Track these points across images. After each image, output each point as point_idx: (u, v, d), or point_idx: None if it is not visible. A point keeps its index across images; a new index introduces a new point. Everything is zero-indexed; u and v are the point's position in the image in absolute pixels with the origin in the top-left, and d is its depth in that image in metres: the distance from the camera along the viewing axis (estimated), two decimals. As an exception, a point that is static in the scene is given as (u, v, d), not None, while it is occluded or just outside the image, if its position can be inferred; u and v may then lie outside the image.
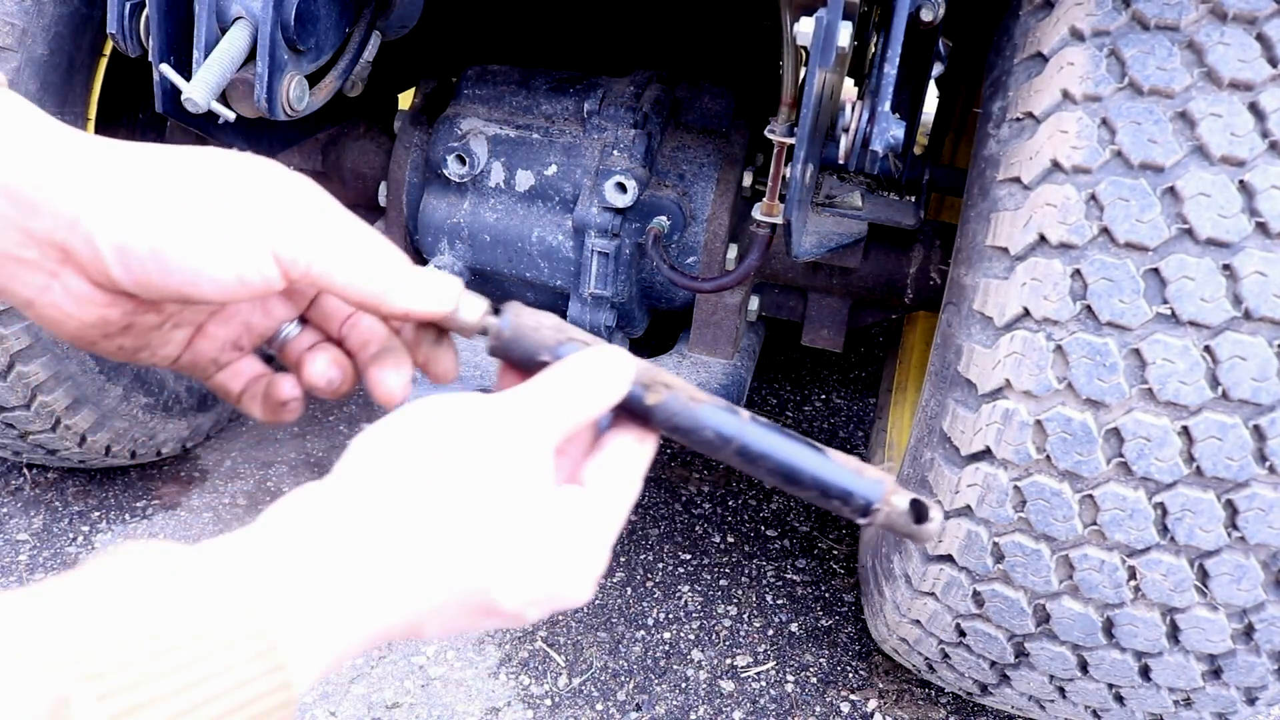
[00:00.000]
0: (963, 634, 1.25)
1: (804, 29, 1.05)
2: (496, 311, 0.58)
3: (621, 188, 1.58)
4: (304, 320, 0.64)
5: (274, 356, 0.65)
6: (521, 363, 0.57)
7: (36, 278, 0.52)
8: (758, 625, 1.79)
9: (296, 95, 1.25)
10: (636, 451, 0.57)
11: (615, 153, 1.63)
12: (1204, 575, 1.04)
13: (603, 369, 0.55)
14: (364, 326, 0.62)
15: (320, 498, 0.47)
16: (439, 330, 0.60)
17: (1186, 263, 0.96)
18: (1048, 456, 1.04)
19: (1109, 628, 1.11)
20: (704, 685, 1.66)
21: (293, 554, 0.43)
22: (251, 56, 1.19)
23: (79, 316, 0.53)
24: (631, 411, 0.56)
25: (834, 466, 0.56)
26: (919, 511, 0.56)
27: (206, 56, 1.16)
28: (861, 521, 0.57)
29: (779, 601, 1.86)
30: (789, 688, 1.67)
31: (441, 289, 0.56)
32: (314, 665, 0.42)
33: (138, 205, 0.50)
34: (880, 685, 1.70)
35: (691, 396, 0.57)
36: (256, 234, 0.51)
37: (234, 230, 0.51)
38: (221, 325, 0.62)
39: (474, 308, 0.58)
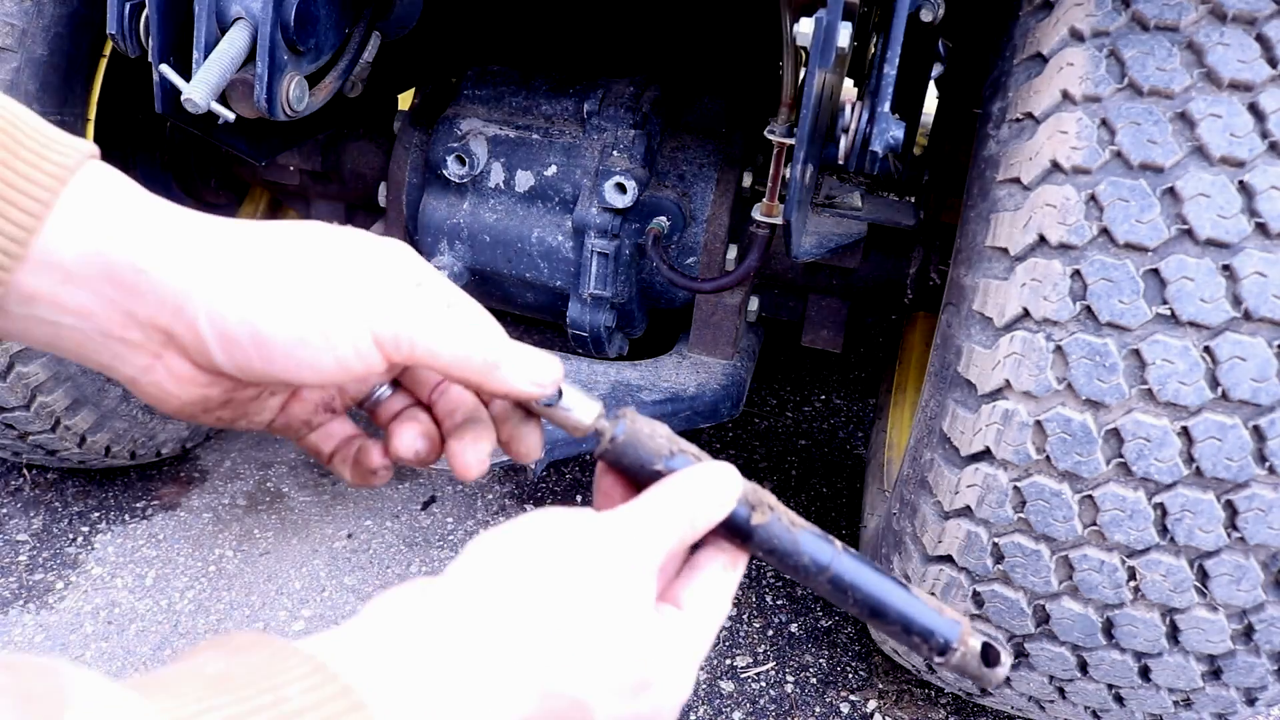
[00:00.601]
0: (962, 634, 1.25)
1: (804, 29, 1.05)
2: (605, 412, 0.59)
3: (621, 188, 1.58)
4: (396, 383, 0.64)
5: (366, 417, 0.66)
6: (630, 469, 0.57)
7: (140, 358, 0.52)
8: (757, 625, 1.79)
9: (296, 96, 1.25)
10: (729, 578, 0.57)
11: (615, 153, 1.63)
12: (1204, 576, 1.04)
13: (714, 488, 0.55)
14: (453, 394, 0.63)
15: (431, 601, 0.47)
16: (528, 409, 0.60)
17: (1186, 263, 0.96)
18: (1047, 457, 1.04)
19: (1109, 628, 1.11)
20: (703, 685, 1.66)
21: (399, 655, 0.43)
22: (251, 57, 1.19)
23: (181, 396, 0.54)
24: (731, 528, 0.56)
25: (919, 604, 0.57)
26: (989, 655, 0.57)
27: (206, 57, 1.16)
28: (937, 660, 0.58)
29: (778, 602, 1.86)
30: (789, 688, 1.67)
31: (546, 373, 0.56)
32: None
33: (240, 292, 0.50)
34: (880, 685, 1.70)
35: (791, 521, 0.58)
36: (357, 319, 0.51)
37: (335, 316, 0.51)
38: (316, 390, 0.62)
39: (588, 409, 0.58)
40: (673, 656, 0.52)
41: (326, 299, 0.51)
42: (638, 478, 0.57)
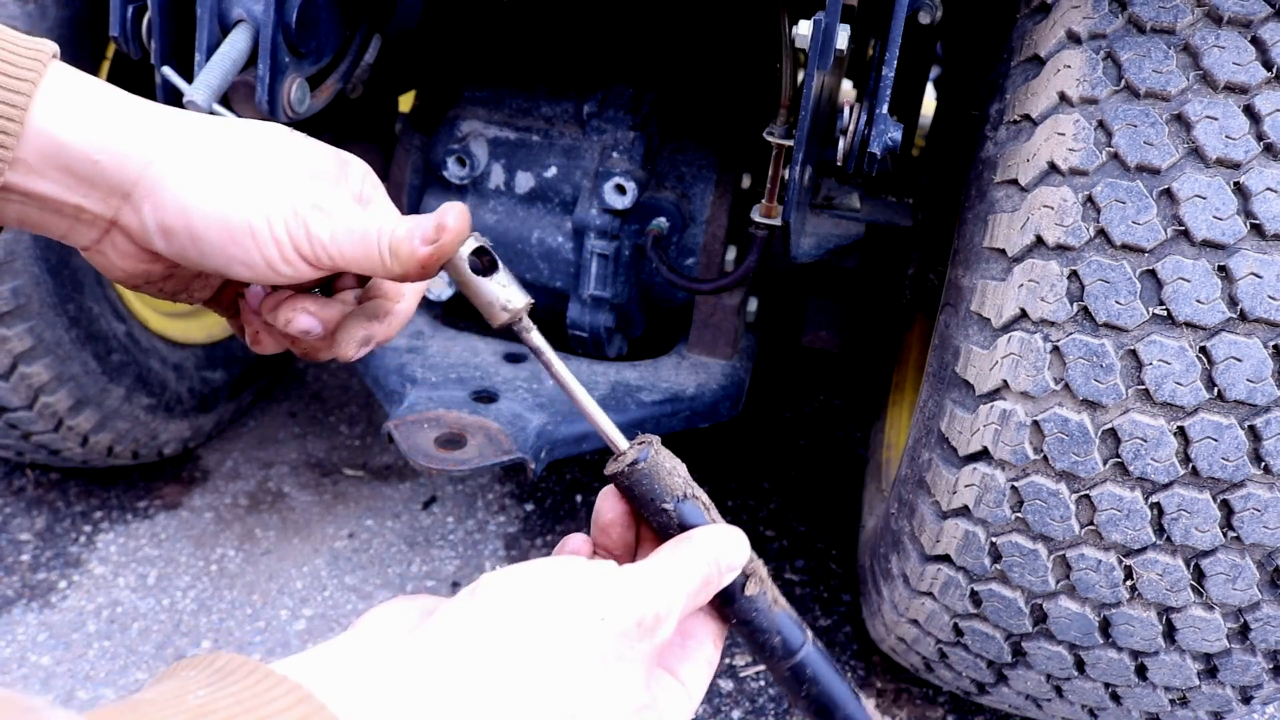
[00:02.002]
0: (960, 633, 1.25)
1: (802, 31, 1.06)
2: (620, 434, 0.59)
3: (620, 190, 1.59)
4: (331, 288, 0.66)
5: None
6: (639, 499, 0.56)
7: (92, 233, 0.57)
8: (757, 625, 1.80)
9: (297, 97, 1.26)
10: (717, 652, 0.58)
11: (614, 154, 1.64)
12: (1200, 575, 1.04)
13: (729, 557, 0.55)
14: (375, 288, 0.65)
15: (427, 634, 0.46)
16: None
17: (1182, 264, 0.97)
18: (1045, 457, 1.05)
19: (1106, 627, 1.12)
20: (703, 685, 1.66)
21: (392, 691, 0.42)
22: (253, 59, 1.20)
23: (125, 269, 0.59)
24: (722, 593, 0.56)
25: (865, 716, 0.58)
26: None
27: (208, 59, 1.17)
28: None
29: (778, 601, 1.86)
30: (788, 687, 1.68)
31: (438, 223, 0.57)
32: None
33: (182, 188, 0.53)
34: (878, 684, 1.70)
35: (774, 598, 0.57)
36: (283, 226, 0.54)
37: (263, 221, 0.54)
38: None
39: (517, 296, 0.58)
40: None
41: (259, 204, 0.54)
42: (644, 510, 0.56)
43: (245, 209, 0.53)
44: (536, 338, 0.58)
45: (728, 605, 0.56)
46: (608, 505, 0.59)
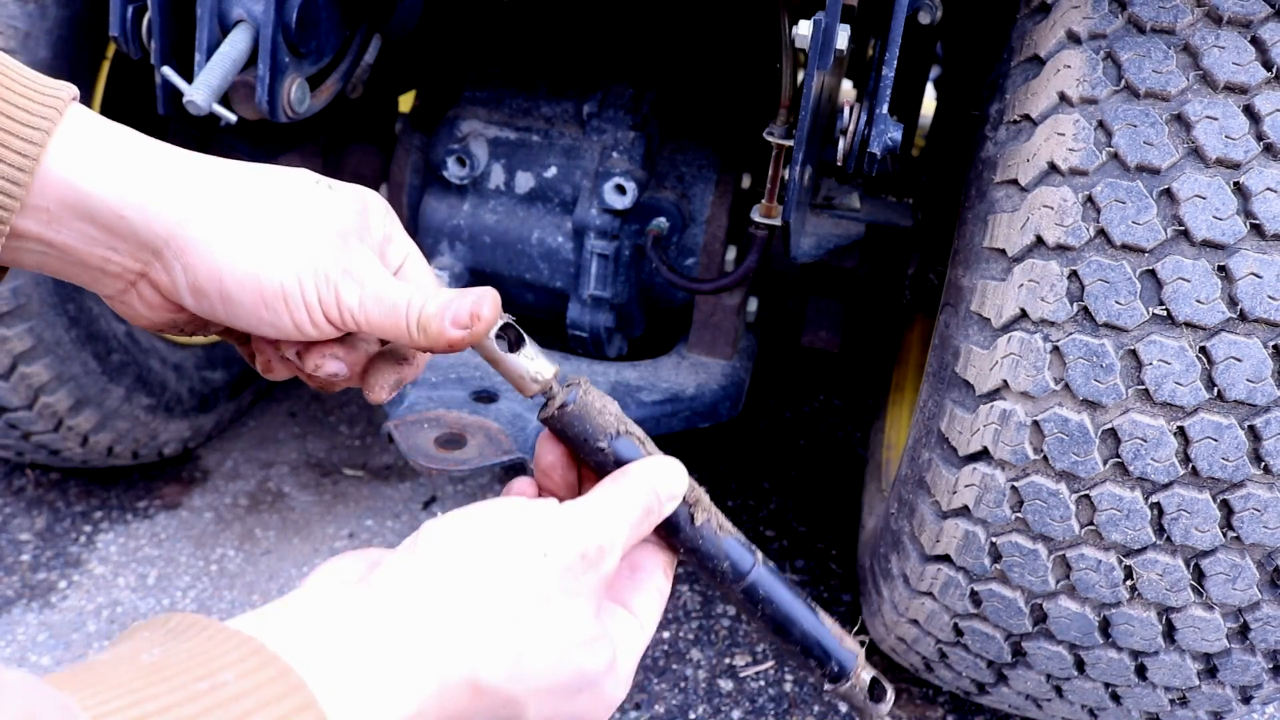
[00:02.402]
0: (960, 633, 1.25)
1: (802, 32, 1.06)
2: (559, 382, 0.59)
3: (620, 190, 1.59)
4: None
5: None
6: (574, 441, 0.57)
7: (117, 285, 0.56)
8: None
9: (298, 98, 1.26)
10: (668, 582, 0.58)
11: (614, 154, 1.64)
12: (1200, 575, 1.04)
13: (669, 486, 0.56)
14: None
15: (376, 581, 0.47)
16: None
17: (1182, 264, 0.97)
18: (1045, 457, 1.05)
19: (1106, 627, 1.12)
20: (703, 684, 1.66)
21: (343, 636, 0.43)
22: (253, 59, 1.20)
23: (150, 318, 0.59)
24: (667, 524, 0.57)
25: (823, 630, 0.58)
26: (876, 690, 0.59)
27: (208, 59, 1.17)
28: (828, 686, 0.59)
29: (778, 601, 1.86)
30: (787, 687, 1.68)
31: (465, 310, 0.56)
32: None
33: (213, 248, 0.53)
34: (879, 685, 1.70)
35: (720, 524, 0.58)
36: (313, 291, 0.54)
37: (294, 286, 0.54)
38: None
39: (543, 366, 0.58)
40: (618, 661, 0.52)
41: (291, 268, 0.53)
42: (580, 450, 0.57)
43: (278, 273, 0.53)
44: (562, 395, 0.58)
45: (675, 535, 0.57)
46: (546, 449, 0.60)
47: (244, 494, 2.03)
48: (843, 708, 1.65)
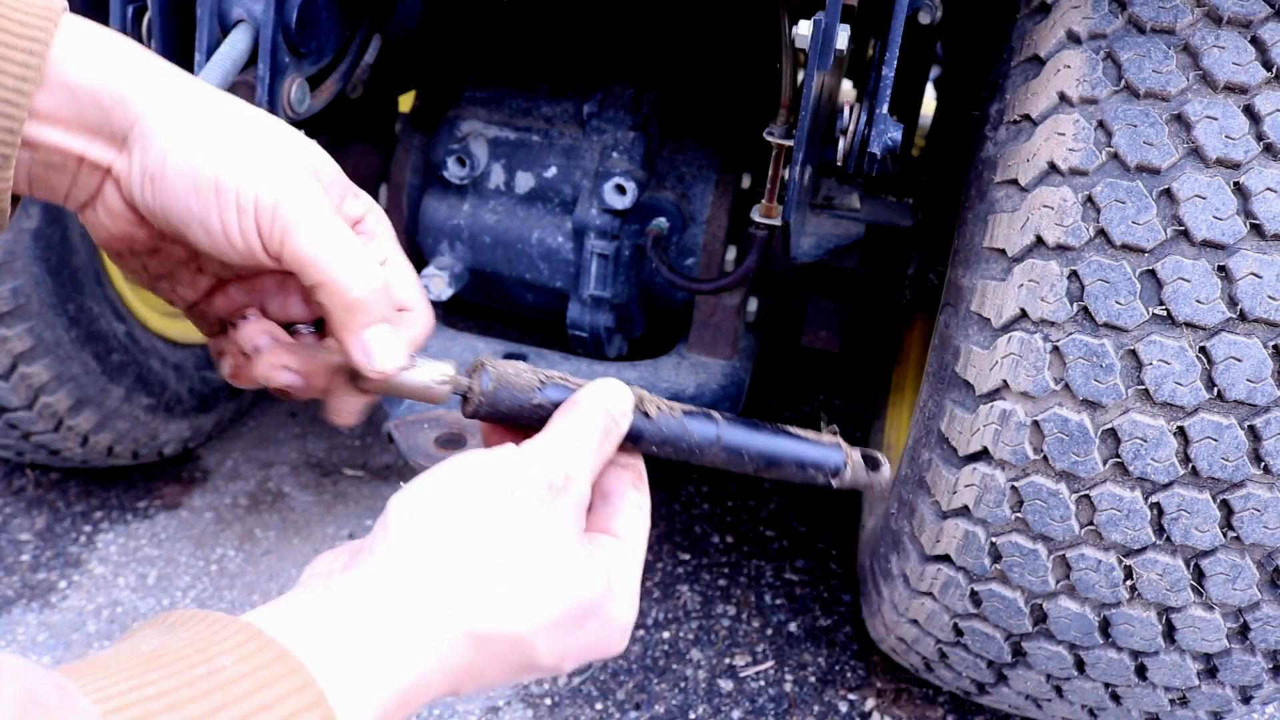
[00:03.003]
0: (960, 633, 1.25)
1: (802, 31, 1.05)
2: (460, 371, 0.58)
3: (620, 190, 1.59)
4: (322, 325, 0.63)
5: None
6: (509, 416, 0.56)
7: (90, 184, 0.56)
8: (756, 625, 1.80)
9: (297, 98, 1.26)
10: (645, 496, 0.58)
11: (614, 154, 1.64)
12: (1200, 575, 1.04)
13: (614, 402, 0.56)
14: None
15: (362, 560, 0.47)
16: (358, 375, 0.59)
17: (1182, 264, 0.97)
18: (1045, 457, 1.05)
19: (1105, 627, 1.12)
20: (703, 684, 1.66)
21: (334, 618, 0.43)
22: (253, 59, 1.20)
23: (111, 229, 0.57)
24: (629, 434, 0.57)
25: (804, 444, 0.61)
26: (870, 462, 0.61)
27: (208, 59, 1.17)
28: (833, 483, 0.61)
29: (777, 601, 1.86)
30: (787, 687, 1.68)
31: (386, 357, 0.55)
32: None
33: (170, 136, 0.53)
34: (878, 684, 1.70)
35: (671, 408, 0.59)
36: (248, 193, 0.52)
37: (230, 184, 0.52)
38: (244, 292, 0.62)
39: (437, 372, 0.56)
40: (615, 584, 0.52)
41: (236, 167, 0.52)
42: (519, 420, 0.56)
43: (219, 166, 0.52)
44: (478, 383, 0.57)
45: (639, 440, 0.58)
46: (494, 441, 0.59)
47: (244, 494, 2.03)
48: (842, 708, 1.65)
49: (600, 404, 0.55)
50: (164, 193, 0.53)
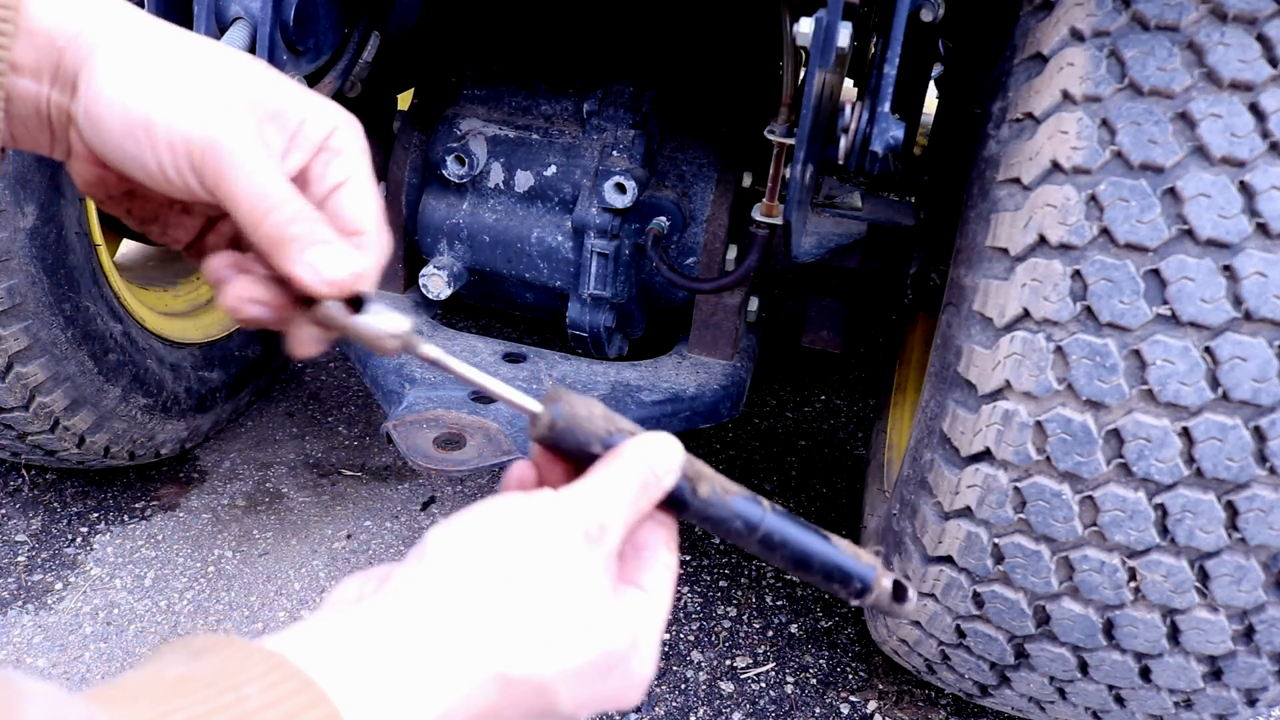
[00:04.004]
0: (963, 635, 1.25)
1: (804, 30, 1.05)
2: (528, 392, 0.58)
3: (621, 188, 1.58)
4: None
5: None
6: (569, 453, 0.57)
7: (61, 130, 0.55)
8: (757, 626, 1.79)
9: (295, 96, 1.25)
10: (674, 556, 0.58)
11: (614, 153, 1.63)
12: (1204, 576, 1.03)
13: (661, 460, 0.55)
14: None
15: (389, 591, 0.47)
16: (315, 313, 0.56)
17: (1187, 263, 0.96)
18: (1048, 457, 1.04)
19: (1109, 629, 1.11)
20: (703, 686, 1.65)
21: (361, 648, 0.43)
22: (250, 57, 1.19)
23: (83, 175, 0.56)
24: (671, 499, 0.57)
25: (839, 553, 0.61)
26: (899, 592, 0.62)
27: (205, 57, 1.16)
28: (854, 601, 0.61)
29: (778, 602, 1.85)
30: (789, 689, 1.67)
31: (340, 267, 0.53)
32: None
33: (106, 75, 0.51)
34: (880, 686, 1.69)
35: (724, 488, 0.59)
36: (180, 131, 0.51)
37: (161, 121, 0.51)
38: (233, 226, 0.60)
39: (398, 320, 0.55)
40: (640, 638, 0.52)
41: (163, 104, 0.51)
42: (576, 459, 0.57)
43: (149, 103, 0.50)
44: (430, 349, 0.57)
45: (684, 510, 0.58)
46: (544, 464, 0.59)
47: (241, 495, 2.02)
48: (844, 709, 1.64)
49: (644, 458, 0.55)
50: (103, 133, 0.52)
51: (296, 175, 0.56)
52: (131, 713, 0.34)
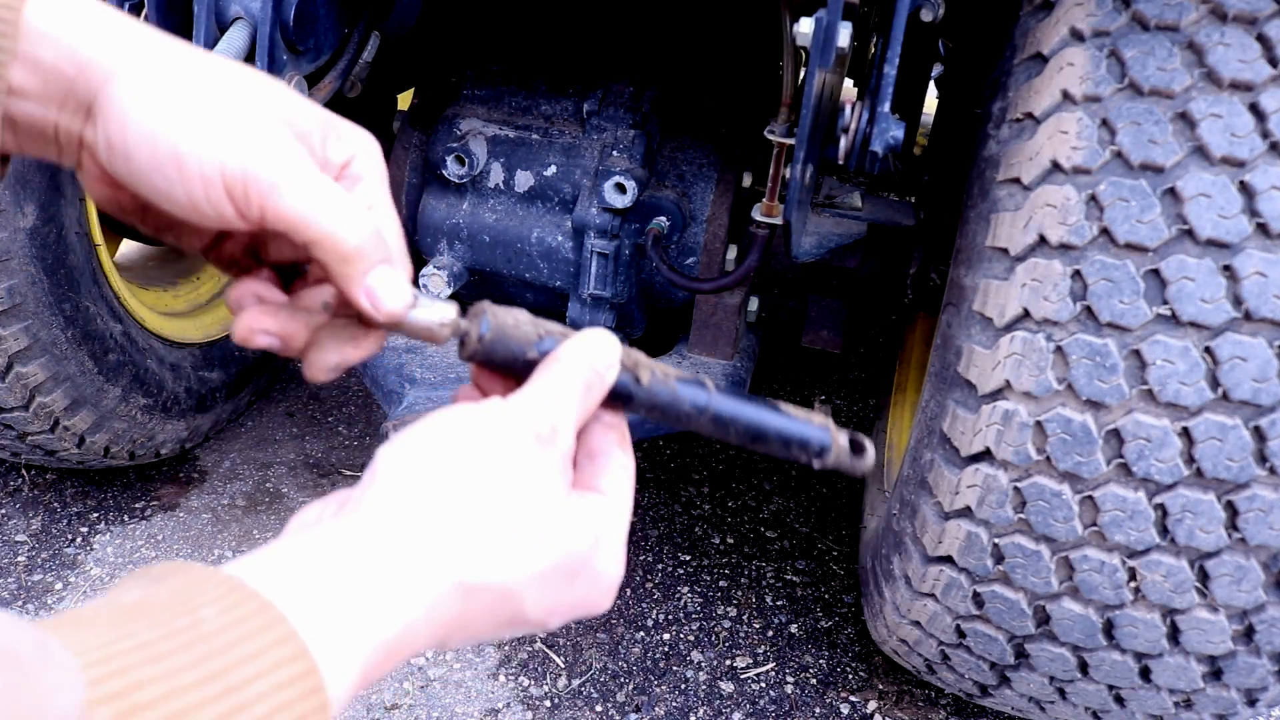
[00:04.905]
0: (963, 635, 1.25)
1: (803, 30, 1.05)
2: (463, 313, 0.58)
3: (620, 188, 1.58)
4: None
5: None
6: (503, 364, 0.57)
7: (71, 150, 0.55)
8: (757, 626, 1.79)
9: (295, 96, 1.25)
10: (629, 456, 0.58)
11: (614, 153, 1.63)
12: (1204, 576, 1.03)
13: (600, 355, 0.55)
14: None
15: (348, 511, 0.47)
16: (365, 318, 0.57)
17: (1187, 263, 0.96)
18: (1048, 457, 1.04)
19: (1109, 629, 1.11)
20: (703, 686, 1.65)
21: (319, 568, 0.43)
22: (250, 57, 1.19)
23: (96, 193, 0.56)
24: (615, 394, 0.57)
25: (792, 420, 0.60)
26: (856, 446, 0.61)
27: (205, 57, 1.16)
28: (816, 464, 0.61)
29: (779, 602, 1.85)
30: (789, 689, 1.67)
31: (399, 298, 0.54)
32: (345, 676, 0.41)
33: (130, 104, 0.50)
34: (880, 686, 1.69)
35: (665, 373, 0.59)
36: (211, 159, 0.50)
37: (192, 152, 0.50)
38: (249, 233, 0.60)
39: (442, 312, 0.56)
40: (602, 538, 0.52)
41: (192, 135, 0.50)
42: (512, 369, 0.56)
43: (177, 134, 0.50)
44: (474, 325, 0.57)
45: (630, 401, 0.58)
46: (483, 383, 0.59)
47: (242, 495, 2.02)
48: (844, 709, 1.64)
49: (583, 356, 0.55)
50: (128, 164, 0.51)
51: None
52: (85, 638, 0.34)
